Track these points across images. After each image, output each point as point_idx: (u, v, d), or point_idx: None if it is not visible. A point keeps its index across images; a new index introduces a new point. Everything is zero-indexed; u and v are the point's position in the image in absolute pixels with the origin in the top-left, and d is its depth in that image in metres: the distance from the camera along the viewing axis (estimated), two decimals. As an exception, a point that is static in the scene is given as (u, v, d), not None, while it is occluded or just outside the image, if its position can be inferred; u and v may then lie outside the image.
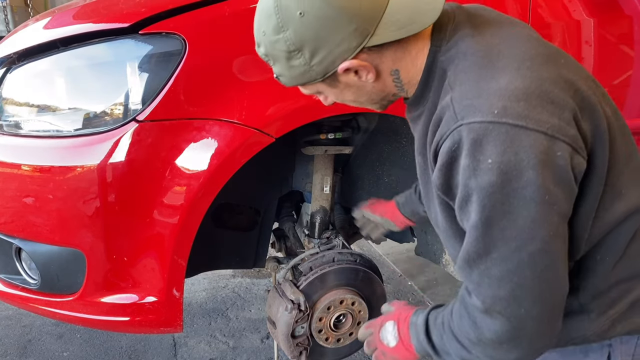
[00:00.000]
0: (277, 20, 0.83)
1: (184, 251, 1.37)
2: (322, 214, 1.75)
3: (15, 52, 1.45)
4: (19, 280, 1.56)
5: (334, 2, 0.80)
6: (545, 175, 0.74)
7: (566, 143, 0.76)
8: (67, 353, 2.18)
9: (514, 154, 0.74)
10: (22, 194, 1.40)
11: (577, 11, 1.56)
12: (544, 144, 0.74)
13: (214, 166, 1.30)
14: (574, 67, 0.87)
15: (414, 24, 0.84)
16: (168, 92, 1.28)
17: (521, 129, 0.74)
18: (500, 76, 0.79)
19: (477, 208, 0.77)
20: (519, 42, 0.85)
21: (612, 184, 0.85)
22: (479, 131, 0.75)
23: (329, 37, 0.83)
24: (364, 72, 0.88)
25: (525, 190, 0.74)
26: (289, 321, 1.52)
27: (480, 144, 0.75)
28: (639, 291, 0.89)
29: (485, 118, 0.75)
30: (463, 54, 0.85)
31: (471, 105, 0.78)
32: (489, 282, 0.79)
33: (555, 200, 0.76)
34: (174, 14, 1.30)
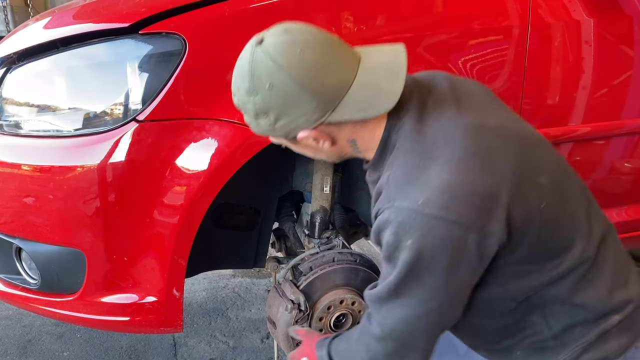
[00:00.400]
0: (249, 84, 0.93)
1: (184, 251, 1.37)
2: (322, 214, 1.75)
3: (15, 52, 1.45)
4: (19, 280, 1.56)
5: (300, 81, 0.89)
6: (454, 258, 0.88)
7: (479, 232, 0.87)
8: (67, 353, 2.18)
9: (431, 239, 0.87)
10: (22, 194, 1.40)
11: (577, 11, 1.56)
12: (458, 234, 0.86)
13: (214, 166, 1.31)
14: (514, 156, 0.92)
15: (372, 109, 0.92)
16: (168, 92, 1.28)
17: (440, 220, 0.86)
18: (431, 167, 0.89)
19: (395, 272, 0.92)
20: (457, 133, 0.91)
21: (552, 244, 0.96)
22: (404, 216, 0.88)
23: (292, 109, 0.92)
24: (321, 140, 0.98)
25: (435, 268, 0.89)
26: (289, 321, 1.52)
27: (404, 227, 0.88)
28: (606, 324, 1.00)
29: (412, 206, 0.87)
30: (404, 138, 0.95)
31: (402, 190, 0.90)
32: (393, 319, 0.97)
33: (459, 277, 0.91)
34: (174, 14, 1.30)
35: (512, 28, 1.49)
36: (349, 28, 1.37)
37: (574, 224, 0.98)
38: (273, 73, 0.89)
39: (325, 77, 0.90)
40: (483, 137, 0.91)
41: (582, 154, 1.71)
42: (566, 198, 0.98)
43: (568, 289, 0.99)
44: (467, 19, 1.46)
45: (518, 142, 0.94)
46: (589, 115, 1.66)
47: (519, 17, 1.49)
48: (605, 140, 1.74)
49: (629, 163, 1.80)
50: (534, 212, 0.92)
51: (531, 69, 1.53)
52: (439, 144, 0.91)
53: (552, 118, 1.62)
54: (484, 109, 0.99)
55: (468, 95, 1.01)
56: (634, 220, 1.88)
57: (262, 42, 0.92)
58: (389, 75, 0.92)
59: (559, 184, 0.97)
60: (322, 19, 1.37)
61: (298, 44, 0.90)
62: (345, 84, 0.91)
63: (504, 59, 1.50)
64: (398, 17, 1.42)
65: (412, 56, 1.42)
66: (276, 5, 1.33)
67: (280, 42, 0.90)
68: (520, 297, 1.00)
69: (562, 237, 0.96)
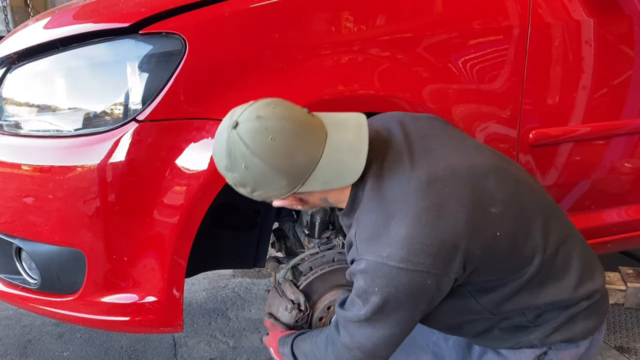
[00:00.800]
0: (227, 162, 1.05)
1: (184, 251, 1.37)
2: (322, 214, 1.75)
3: (15, 52, 1.45)
4: (19, 280, 1.56)
5: (271, 164, 1.01)
6: (416, 298, 1.04)
7: (437, 274, 1.01)
8: (67, 353, 2.18)
9: (394, 287, 1.02)
10: (22, 194, 1.40)
11: (577, 11, 1.56)
12: (418, 280, 1.00)
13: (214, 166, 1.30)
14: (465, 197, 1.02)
15: (338, 182, 1.06)
16: (168, 92, 1.28)
17: (402, 270, 1.00)
18: (391, 224, 1.02)
19: (365, 309, 1.08)
20: (411, 190, 1.03)
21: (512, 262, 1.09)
22: (371, 267, 1.03)
23: (266, 186, 1.06)
24: (294, 203, 1.13)
25: (400, 307, 1.05)
26: (290, 321, 1.52)
27: (372, 277, 1.03)
28: (574, 309, 1.14)
29: (376, 259, 1.02)
30: (368, 196, 1.07)
31: (367, 246, 1.05)
32: (361, 335, 1.12)
33: (420, 309, 1.08)
34: (174, 14, 1.30)
35: (512, 28, 1.49)
36: (349, 28, 1.37)
37: (531, 240, 1.08)
38: (247, 157, 1.01)
39: (294, 160, 1.02)
40: (435, 188, 1.02)
41: (582, 154, 1.71)
42: (520, 218, 1.09)
43: (536, 291, 1.12)
44: (467, 19, 1.46)
45: (467, 180, 1.04)
46: (589, 115, 1.66)
47: (519, 17, 1.49)
48: (605, 140, 1.74)
49: (629, 163, 1.80)
50: (490, 242, 1.04)
51: (531, 69, 1.53)
52: (396, 201, 1.03)
53: (552, 118, 1.62)
54: (436, 152, 1.09)
55: (420, 139, 1.12)
56: (634, 220, 1.88)
57: (236, 127, 1.02)
58: (352, 153, 1.04)
59: (512, 207, 1.07)
60: (322, 19, 1.37)
61: (269, 131, 1.00)
62: (312, 163, 1.03)
63: (504, 59, 1.50)
64: (398, 17, 1.42)
65: (413, 56, 1.42)
66: (276, 5, 1.33)
67: (252, 129, 1.01)
68: (492, 305, 1.13)
69: (520, 254, 1.08)
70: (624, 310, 2.34)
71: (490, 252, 1.04)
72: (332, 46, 1.37)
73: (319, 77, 1.36)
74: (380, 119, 1.21)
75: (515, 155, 1.60)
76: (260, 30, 1.32)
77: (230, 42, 1.32)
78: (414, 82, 1.43)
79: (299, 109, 1.07)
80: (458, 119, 1.48)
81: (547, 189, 1.69)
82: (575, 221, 1.82)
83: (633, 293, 2.21)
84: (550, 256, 1.11)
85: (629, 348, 2.15)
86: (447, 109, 1.47)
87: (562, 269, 1.13)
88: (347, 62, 1.38)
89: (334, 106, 1.37)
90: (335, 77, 1.37)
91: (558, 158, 1.68)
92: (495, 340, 1.23)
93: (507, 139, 1.57)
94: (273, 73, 1.33)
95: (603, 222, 1.85)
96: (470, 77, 1.48)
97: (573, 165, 1.70)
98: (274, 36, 1.33)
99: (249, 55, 1.32)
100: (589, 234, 1.83)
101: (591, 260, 1.20)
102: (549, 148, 1.66)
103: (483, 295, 1.13)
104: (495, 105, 1.53)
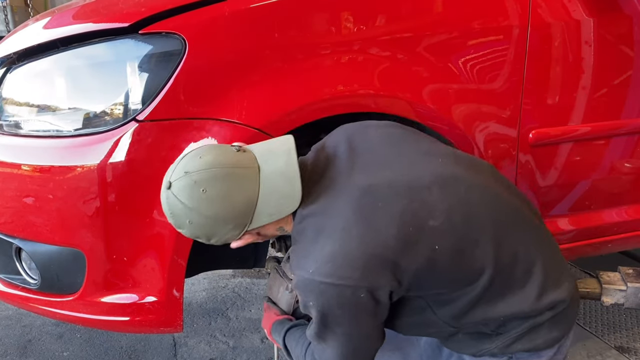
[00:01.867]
0: (174, 222, 1.09)
1: (184, 251, 1.37)
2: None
3: (15, 52, 1.45)
4: (19, 280, 1.56)
5: (211, 215, 1.04)
6: (352, 311, 1.03)
7: (366, 287, 1.00)
8: (67, 353, 2.18)
9: (326, 300, 1.02)
10: (22, 194, 1.40)
11: (577, 11, 1.56)
12: (347, 293, 1.00)
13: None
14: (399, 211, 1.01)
15: (281, 212, 1.08)
16: (168, 92, 1.28)
17: (329, 285, 1.00)
18: (320, 240, 1.03)
19: (313, 323, 1.10)
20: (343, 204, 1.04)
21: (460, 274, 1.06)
22: (302, 282, 1.05)
23: (216, 233, 1.09)
24: (252, 239, 1.15)
25: (339, 320, 1.06)
26: (290, 301, 1.51)
27: (304, 291, 1.05)
28: (537, 319, 1.10)
29: (305, 275, 1.03)
30: (309, 216, 1.08)
31: (298, 263, 1.07)
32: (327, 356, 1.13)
33: (364, 323, 1.06)
34: (174, 13, 1.30)
35: (512, 28, 1.49)
36: (349, 28, 1.37)
37: (480, 250, 1.05)
38: (187, 213, 1.04)
39: (232, 204, 1.04)
40: (367, 202, 1.02)
41: (582, 154, 1.71)
42: (467, 228, 1.05)
43: (495, 303, 1.09)
44: (467, 18, 1.46)
45: (405, 194, 1.03)
46: (588, 115, 1.66)
47: (519, 17, 1.49)
48: (605, 140, 1.74)
49: (629, 163, 1.80)
50: (428, 256, 1.01)
51: (531, 69, 1.53)
52: (327, 215, 1.04)
53: (552, 118, 1.62)
54: (378, 166, 1.09)
55: (366, 153, 1.12)
56: (634, 220, 1.88)
57: (170, 187, 1.05)
58: (287, 182, 1.06)
59: (457, 217, 1.04)
60: (321, 18, 1.37)
61: (199, 184, 1.03)
62: (252, 201, 1.06)
63: (504, 58, 1.50)
64: (398, 17, 1.42)
65: (412, 56, 1.42)
66: (276, 5, 1.33)
67: (183, 187, 1.04)
68: (451, 318, 1.12)
69: (468, 266, 1.05)
70: (624, 310, 2.34)
71: (430, 266, 1.02)
72: (332, 46, 1.37)
73: (319, 77, 1.36)
74: (332, 136, 1.22)
75: (515, 155, 1.60)
76: (260, 30, 1.32)
77: (230, 41, 1.32)
78: (414, 82, 1.43)
79: (229, 150, 1.09)
80: (458, 118, 1.48)
81: (547, 189, 1.70)
82: (576, 221, 1.84)
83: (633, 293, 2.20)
84: (505, 267, 1.07)
85: (629, 348, 2.15)
86: (447, 109, 1.46)
87: (522, 280, 1.09)
88: (347, 62, 1.38)
89: (333, 106, 1.38)
90: (335, 76, 1.37)
91: (558, 158, 1.68)
92: (460, 344, 1.20)
93: (507, 138, 1.57)
94: (273, 73, 1.33)
95: (603, 222, 1.84)
96: (470, 77, 1.48)
97: (573, 165, 1.70)
98: (273, 36, 1.33)
99: (249, 55, 1.32)
100: (589, 234, 1.84)
101: (558, 268, 1.16)
102: (549, 148, 1.66)
103: (439, 308, 1.11)
104: (495, 105, 1.53)
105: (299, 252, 1.10)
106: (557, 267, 1.16)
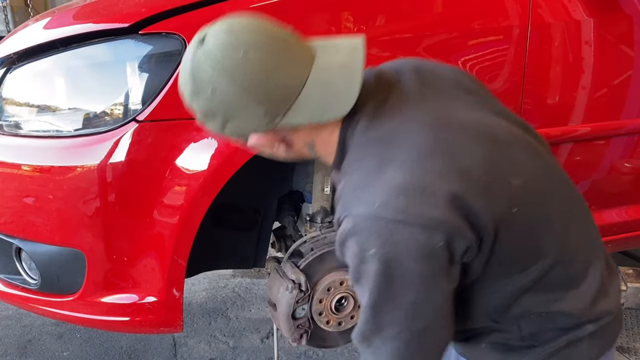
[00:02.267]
0: (192, 87, 0.86)
1: (184, 251, 1.37)
2: (323, 215, 1.75)
3: (15, 52, 1.45)
4: (19, 280, 1.56)
5: (243, 85, 0.82)
6: (423, 263, 0.79)
7: (444, 232, 0.79)
8: (67, 353, 2.18)
9: (393, 245, 0.78)
10: (22, 194, 1.40)
11: (577, 11, 1.56)
12: (421, 236, 0.78)
13: (214, 166, 1.30)
14: (481, 155, 0.85)
15: (326, 113, 0.86)
16: (168, 92, 1.28)
17: (399, 223, 0.78)
18: (388, 169, 0.81)
19: (366, 293, 0.82)
20: (415, 131, 0.85)
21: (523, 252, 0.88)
22: (362, 222, 0.80)
23: (238, 114, 0.86)
24: (275, 144, 0.92)
25: (406, 277, 0.80)
26: (290, 301, 1.51)
27: (364, 235, 0.80)
28: (578, 332, 0.93)
29: (368, 211, 0.80)
30: (359, 141, 0.88)
31: (356, 197, 0.83)
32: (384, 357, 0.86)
33: (435, 284, 0.82)
34: (173, 14, 1.30)
35: (512, 28, 1.49)
36: (349, 28, 1.37)
37: (549, 231, 0.91)
38: (214, 77, 0.83)
39: (272, 80, 0.84)
40: (445, 134, 0.85)
41: (582, 154, 1.71)
42: (543, 203, 0.90)
43: (545, 295, 0.92)
44: (467, 18, 1.46)
45: (488, 140, 0.87)
46: (588, 115, 1.66)
47: (519, 17, 1.49)
48: (605, 140, 1.74)
49: (629, 163, 1.80)
50: (505, 217, 0.84)
51: (531, 69, 1.53)
52: (396, 145, 0.84)
53: (552, 118, 1.62)
54: (454, 104, 0.91)
55: (437, 89, 0.93)
56: (634, 220, 1.88)
57: (203, 42, 0.85)
58: (344, 77, 0.85)
59: (536, 186, 0.89)
60: (322, 19, 1.37)
61: (241, 45, 0.83)
62: (295, 87, 0.84)
63: (504, 58, 1.50)
64: (398, 16, 1.42)
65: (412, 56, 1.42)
66: (276, 5, 1.33)
67: (221, 44, 0.83)
68: (495, 307, 0.95)
69: (535, 243, 0.89)
70: (624, 310, 2.34)
71: (505, 229, 0.84)
72: (332, 46, 1.37)
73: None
74: (392, 64, 1.00)
75: (515, 155, 1.60)
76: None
77: (230, 42, 1.32)
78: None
79: (282, 27, 0.89)
80: (458, 119, 1.48)
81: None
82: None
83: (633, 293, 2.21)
84: (567, 257, 0.92)
85: (629, 348, 2.15)
86: (447, 109, 1.47)
87: (579, 278, 0.94)
88: (347, 62, 1.38)
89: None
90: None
91: (558, 158, 1.68)
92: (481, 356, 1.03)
93: (507, 139, 1.57)
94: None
95: (603, 222, 1.85)
96: (470, 77, 1.48)
97: (573, 166, 1.70)
98: (273, 36, 1.32)
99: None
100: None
101: (610, 274, 1.00)
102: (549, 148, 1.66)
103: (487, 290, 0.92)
104: (495, 105, 1.53)
105: (355, 184, 0.85)
106: (609, 273, 1.01)
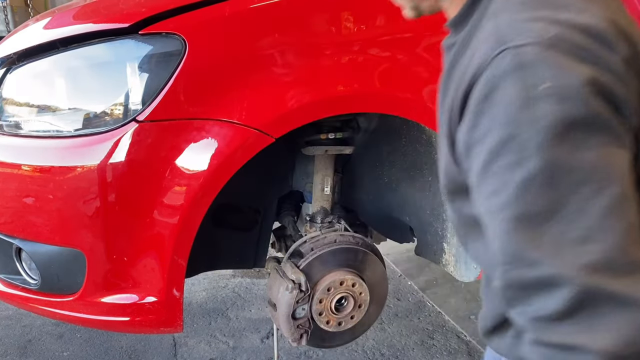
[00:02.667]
0: None
1: (184, 251, 1.37)
2: (323, 215, 1.75)
3: (15, 52, 1.45)
4: (19, 280, 1.56)
5: None
6: (601, 113, 0.57)
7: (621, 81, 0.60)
8: (67, 353, 2.18)
9: (575, 76, 0.57)
10: (22, 194, 1.40)
11: (577, 11, 1.56)
12: (603, 78, 0.58)
13: (214, 166, 1.30)
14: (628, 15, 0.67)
15: None
16: (168, 92, 1.28)
17: (579, 59, 0.58)
18: (560, 12, 0.62)
19: (534, 148, 0.56)
20: None
21: None
22: (529, 55, 0.58)
23: None
24: None
25: (594, 120, 0.57)
26: (290, 301, 1.51)
27: (532, 68, 0.58)
28: None
29: (538, 40, 0.58)
30: None
31: (521, 27, 0.61)
32: (572, 250, 0.55)
33: (620, 135, 0.59)
34: (174, 14, 1.30)
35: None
36: (349, 28, 1.37)
37: None
38: None
39: None
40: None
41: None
42: None
43: None
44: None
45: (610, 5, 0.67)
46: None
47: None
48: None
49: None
50: None
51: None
52: None
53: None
54: None
55: None
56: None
57: None
58: None
59: None
60: (322, 19, 1.37)
61: None
62: None
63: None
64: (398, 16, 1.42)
65: (412, 56, 1.42)
66: (276, 5, 1.33)
67: None
68: None
69: None
70: None
71: None
72: (332, 46, 1.37)
73: (319, 77, 1.36)
74: None
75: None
76: (260, 31, 1.32)
77: (230, 42, 1.32)
78: (414, 82, 1.43)
79: None
80: (458, 119, 1.48)
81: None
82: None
83: None
84: None
85: None
86: (447, 109, 1.47)
87: None
88: (347, 62, 1.38)
89: (334, 106, 1.38)
90: (335, 76, 1.37)
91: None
92: None
93: (507, 139, 1.57)
94: (272, 73, 1.33)
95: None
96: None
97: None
98: (274, 36, 1.33)
99: (249, 55, 1.32)
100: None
101: None
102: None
103: None
104: (495, 106, 1.53)
105: (512, 17, 0.64)
106: None
